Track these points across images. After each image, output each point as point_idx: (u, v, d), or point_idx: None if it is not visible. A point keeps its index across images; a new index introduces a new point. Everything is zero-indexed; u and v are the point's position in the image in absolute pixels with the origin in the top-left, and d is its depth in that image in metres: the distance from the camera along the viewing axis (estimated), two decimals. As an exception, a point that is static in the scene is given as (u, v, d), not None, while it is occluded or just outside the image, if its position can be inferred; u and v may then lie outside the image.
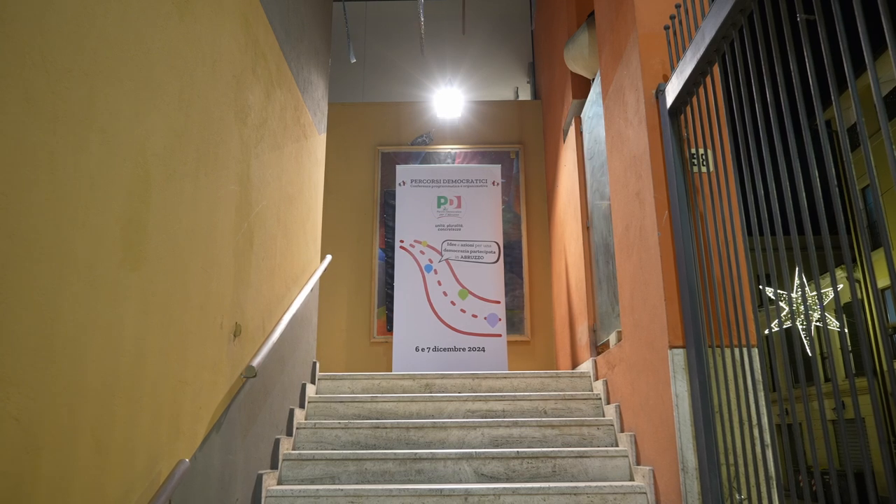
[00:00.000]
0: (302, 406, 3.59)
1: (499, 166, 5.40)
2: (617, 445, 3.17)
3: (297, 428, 3.30)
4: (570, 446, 3.21)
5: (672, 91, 2.48)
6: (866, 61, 1.28)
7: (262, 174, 2.91)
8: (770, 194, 1.73)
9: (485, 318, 4.92)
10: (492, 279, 5.02)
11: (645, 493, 2.67)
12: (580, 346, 4.28)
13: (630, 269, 2.95)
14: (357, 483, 2.96)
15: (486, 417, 3.53)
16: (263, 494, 2.71)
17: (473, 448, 3.21)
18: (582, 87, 4.56)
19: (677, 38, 2.56)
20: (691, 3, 2.32)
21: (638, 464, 2.86)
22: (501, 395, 3.56)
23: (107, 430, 1.59)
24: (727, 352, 2.29)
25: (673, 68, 2.51)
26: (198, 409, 2.16)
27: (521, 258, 5.77)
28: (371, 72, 7.16)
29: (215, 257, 2.32)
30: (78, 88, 1.47)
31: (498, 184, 5.27)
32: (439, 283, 5.01)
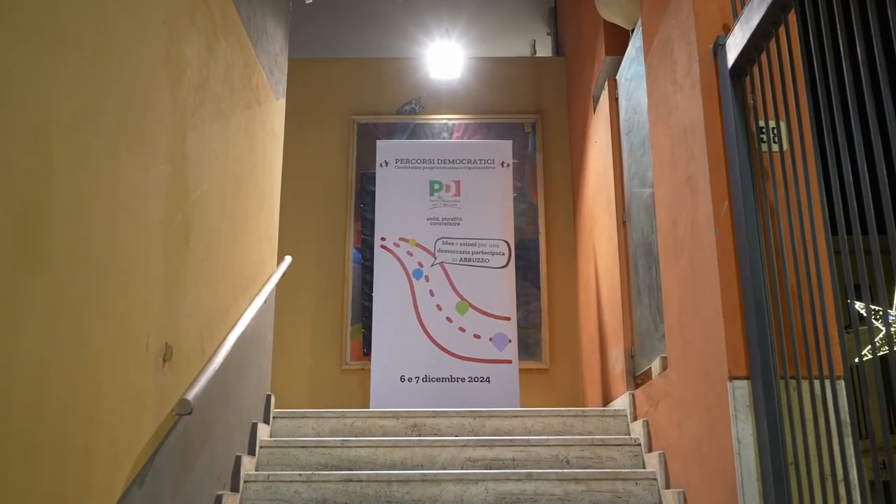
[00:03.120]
0: (252, 453, 3.58)
1: (509, 143, 5.40)
2: (661, 505, 3.17)
3: (245, 481, 3.29)
4: (600, 506, 3.21)
5: (735, 46, 2.49)
6: None
7: (203, 150, 2.91)
8: (863, 180, 1.71)
9: (490, 340, 4.92)
10: (499, 289, 5.02)
11: (697, 567, 2.67)
12: (613, 375, 4.28)
13: (678, 277, 2.95)
14: (323, 553, 2.95)
15: (491, 468, 3.52)
16: (201, 567, 2.71)
17: (475, 508, 3.21)
18: (618, 41, 4.57)
19: (742, -23, 2.56)
20: (760, -67, 2.32)
21: (688, 529, 2.85)
22: (511, 440, 3.56)
23: (-5, 482, 1.58)
24: (804, 385, 2.29)
25: (736, 16, 2.52)
26: (115, 455, 2.15)
27: (537, 262, 5.77)
28: (344, 19, 7.17)
29: (140, 258, 2.31)
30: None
31: (508, 165, 5.28)
32: (431, 293, 5.01)
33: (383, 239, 5.13)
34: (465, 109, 6.13)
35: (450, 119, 6.09)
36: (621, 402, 3.98)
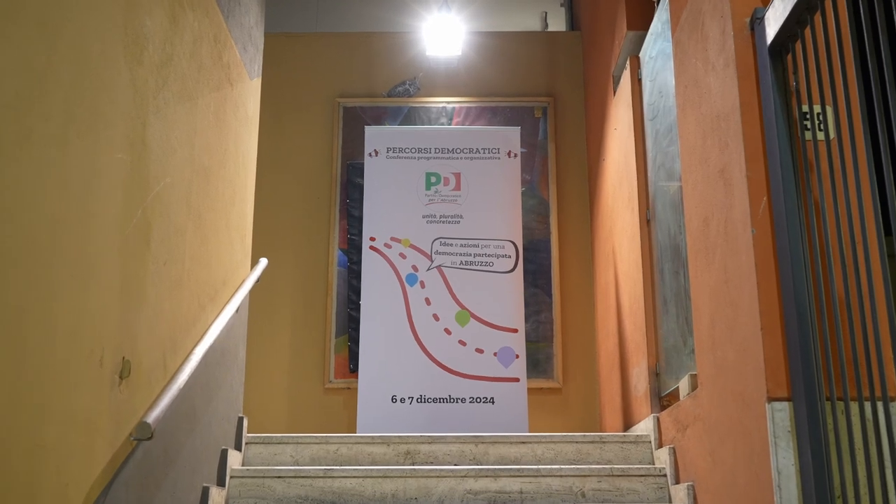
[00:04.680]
0: (221, 484, 3.58)
1: (517, 129, 5.40)
2: (689, 545, 3.16)
3: (213, 516, 3.28)
4: (619, 546, 3.21)
5: (775, 19, 2.48)
6: None
7: (166, 137, 2.90)
8: (919, 173, 1.71)
9: (495, 355, 4.91)
10: (506, 297, 5.02)
11: None
12: (636, 396, 4.29)
13: (711, 284, 2.95)
14: None
15: (495, 502, 3.51)
16: None
17: (476, 548, 3.21)
18: (642, 13, 4.57)
19: (783, -60, 2.56)
20: None
21: (720, 573, 2.85)
22: (518, 470, 3.56)
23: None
24: (854, 407, 2.28)
25: (776, -15, 2.51)
26: (63, 486, 2.14)
27: (549, 266, 5.77)
28: (330, -13, 7.16)
29: (93, 260, 2.31)
30: None
31: (516, 155, 5.28)
32: (428, 301, 5.01)
33: (373, 239, 5.13)
34: (467, 91, 6.13)
35: (449, 102, 6.09)
36: (644, 427, 3.99)
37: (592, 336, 5.68)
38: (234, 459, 3.74)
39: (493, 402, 4.84)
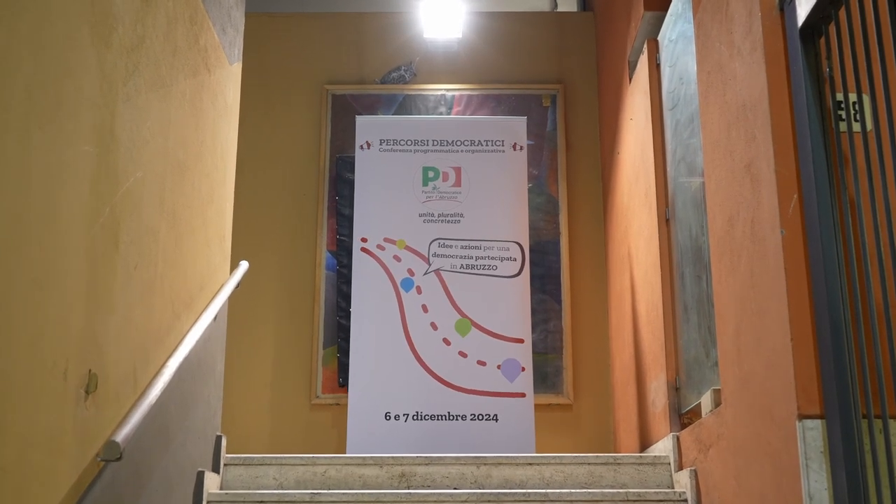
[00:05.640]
0: (197, 509, 3.57)
1: (523, 119, 5.40)
2: (712, 577, 3.16)
3: (188, 545, 3.29)
4: (635, 578, 3.21)
5: (806, -1, 2.48)
6: None
7: (137, 128, 2.89)
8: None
9: (498, 368, 4.92)
10: (511, 304, 5.02)
11: None
12: (654, 413, 4.28)
13: (736, 290, 2.95)
14: None
15: (498, 530, 3.51)
16: None
17: (478, 580, 3.21)
18: (660, -7, 4.57)
19: (816, -88, 2.56)
20: None
21: None
22: (525, 494, 3.56)
23: None
24: (893, 426, 2.27)
25: (808, -38, 2.51)
26: (23, 512, 2.13)
27: (558, 270, 5.77)
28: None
29: (56, 263, 2.30)
30: None
31: (522, 148, 5.29)
32: (425, 308, 5.01)
33: (364, 240, 5.13)
34: (468, 78, 6.13)
35: (448, 90, 6.09)
36: (663, 447, 3.98)
37: (606, 347, 5.68)
38: (212, 482, 3.73)
39: (496, 420, 4.84)
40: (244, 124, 5.42)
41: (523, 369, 4.91)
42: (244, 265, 4.38)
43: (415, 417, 4.85)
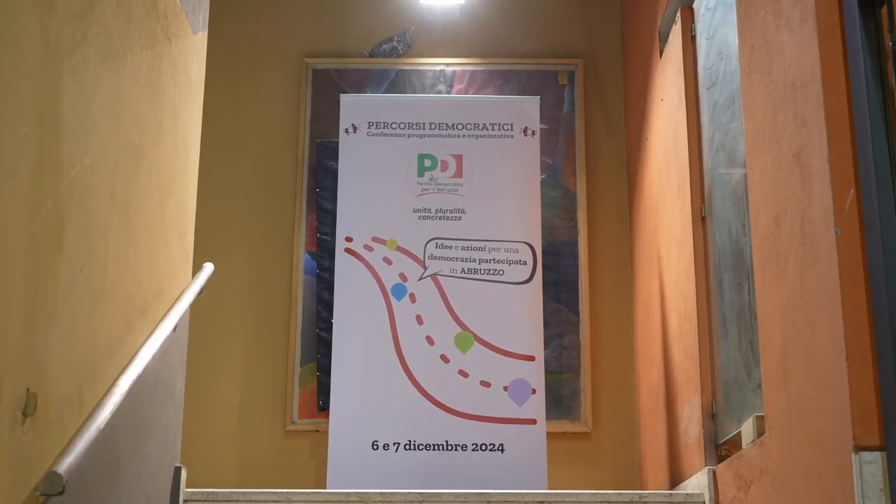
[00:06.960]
0: (153, 551, 3.56)
1: (536, 99, 5.43)
2: None
3: None
4: None
5: (868, -40, 2.48)
6: None
7: (85, 107, 2.89)
8: None
9: (505, 389, 4.92)
10: (520, 315, 5.04)
11: None
12: (685, 443, 4.29)
13: (783, 299, 2.95)
14: None
15: (504, 577, 3.50)
16: None
17: None
18: (694, -46, 4.58)
19: None
20: None
21: None
22: (534, 536, 3.53)
23: None
24: (969, 460, 2.26)
25: (869, -84, 2.52)
26: (-55, 557, 2.11)
27: (575, 276, 5.79)
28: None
29: (-14, 264, 2.27)
30: None
31: (535, 133, 5.31)
32: (420, 319, 5.01)
33: (349, 240, 5.14)
34: (471, 51, 6.14)
35: (448, 64, 6.10)
36: (697, 483, 3.98)
37: (630, 366, 5.69)
38: (171, 520, 3.72)
39: (502, 451, 4.85)
40: (210, 103, 5.39)
41: (534, 392, 4.92)
42: (209, 267, 4.37)
43: (407, 447, 4.85)
